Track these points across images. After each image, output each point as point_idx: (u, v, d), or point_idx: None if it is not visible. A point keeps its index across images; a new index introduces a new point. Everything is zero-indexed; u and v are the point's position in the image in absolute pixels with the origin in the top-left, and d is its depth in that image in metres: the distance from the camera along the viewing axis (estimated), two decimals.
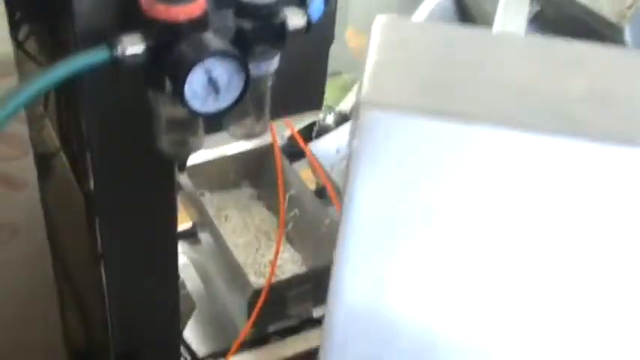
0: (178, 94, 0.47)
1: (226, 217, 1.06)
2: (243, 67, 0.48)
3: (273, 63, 0.53)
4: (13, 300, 0.65)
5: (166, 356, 0.73)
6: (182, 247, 1.03)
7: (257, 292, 0.87)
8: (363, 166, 0.36)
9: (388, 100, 0.36)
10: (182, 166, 0.63)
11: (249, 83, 0.49)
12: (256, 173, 1.09)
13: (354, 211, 0.37)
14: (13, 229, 0.62)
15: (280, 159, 0.94)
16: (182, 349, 0.87)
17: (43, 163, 0.72)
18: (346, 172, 0.37)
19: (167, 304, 0.69)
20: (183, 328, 0.92)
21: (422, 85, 0.36)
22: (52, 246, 0.66)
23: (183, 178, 0.99)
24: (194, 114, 0.48)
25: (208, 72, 0.47)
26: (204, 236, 1.02)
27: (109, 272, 0.62)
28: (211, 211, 1.02)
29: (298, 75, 0.59)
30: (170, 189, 0.62)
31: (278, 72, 0.54)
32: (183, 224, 1.04)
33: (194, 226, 1.04)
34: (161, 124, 0.53)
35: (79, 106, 0.55)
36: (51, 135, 0.78)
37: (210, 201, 1.06)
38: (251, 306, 0.88)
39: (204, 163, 1.04)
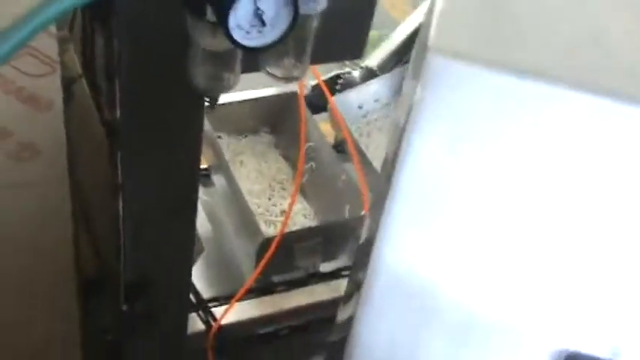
0: (221, 24, 0.45)
1: (241, 163, 1.04)
2: (293, 0, 0.45)
3: (322, 1, 0.50)
4: (26, 224, 0.63)
5: (176, 292, 0.72)
6: None
7: (267, 241, 0.86)
8: (424, 119, 0.33)
9: (459, 47, 0.33)
10: (212, 105, 0.61)
11: (297, 19, 0.46)
12: (275, 121, 1.06)
13: (409, 166, 0.34)
14: (35, 151, 0.60)
15: (304, 108, 0.91)
16: None
17: (67, 86, 0.70)
18: (402, 127, 0.35)
19: (182, 241, 0.67)
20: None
21: (493, 32, 0.34)
22: (71, 171, 0.64)
23: None
24: (236, 46, 0.45)
25: (255, 2, 0.45)
26: (217, 179, 1.00)
27: (127, 204, 0.61)
28: (227, 155, 1.00)
29: (343, 20, 0.56)
30: (197, 126, 0.60)
31: (324, 15, 0.51)
32: None
33: (208, 168, 1.02)
34: (197, 54, 0.50)
35: (111, 26, 0.52)
36: (74, 59, 0.75)
37: (227, 145, 1.04)
38: (259, 254, 0.86)
39: (224, 106, 1.01)
